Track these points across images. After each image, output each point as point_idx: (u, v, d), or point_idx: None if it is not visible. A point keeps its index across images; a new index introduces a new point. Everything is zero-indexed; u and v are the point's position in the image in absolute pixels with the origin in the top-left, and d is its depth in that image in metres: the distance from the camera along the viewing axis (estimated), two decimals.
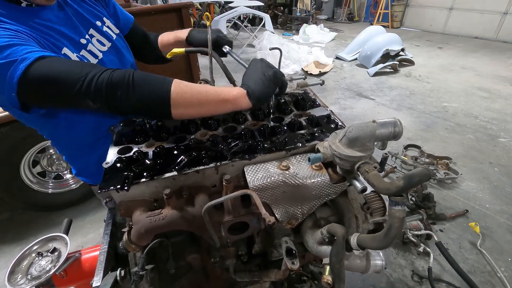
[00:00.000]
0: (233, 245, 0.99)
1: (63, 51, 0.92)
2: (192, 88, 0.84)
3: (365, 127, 0.66)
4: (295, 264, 0.78)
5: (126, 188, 0.76)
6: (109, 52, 1.09)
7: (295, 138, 0.90)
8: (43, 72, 0.76)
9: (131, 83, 0.79)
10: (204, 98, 0.85)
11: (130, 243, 0.83)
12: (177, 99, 0.82)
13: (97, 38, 1.05)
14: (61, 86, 0.78)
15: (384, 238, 0.61)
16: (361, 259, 0.79)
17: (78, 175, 1.28)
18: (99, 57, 1.03)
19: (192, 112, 0.87)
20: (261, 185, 0.79)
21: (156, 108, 0.84)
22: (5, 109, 0.86)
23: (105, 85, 0.77)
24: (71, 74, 0.77)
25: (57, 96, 0.81)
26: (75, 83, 0.76)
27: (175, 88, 0.82)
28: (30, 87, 0.77)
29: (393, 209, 0.58)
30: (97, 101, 0.79)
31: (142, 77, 0.81)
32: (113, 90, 0.78)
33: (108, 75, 0.78)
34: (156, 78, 0.84)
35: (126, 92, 0.79)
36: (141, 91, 0.80)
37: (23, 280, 0.99)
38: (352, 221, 0.83)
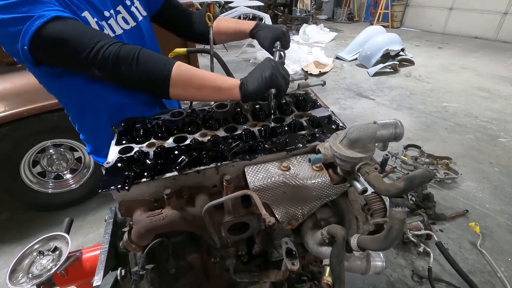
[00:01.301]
0: (233, 246, 0.99)
1: (84, 14, 0.93)
2: (192, 71, 0.91)
3: (366, 128, 0.66)
4: (295, 264, 0.78)
5: (127, 188, 0.76)
6: (132, 31, 1.11)
7: (295, 139, 0.90)
8: (56, 32, 0.80)
9: (135, 59, 0.85)
10: (201, 82, 0.91)
11: (131, 243, 0.83)
12: (176, 79, 0.89)
13: (123, 16, 1.08)
14: (71, 49, 0.82)
15: (384, 239, 0.61)
16: (361, 260, 0.79)
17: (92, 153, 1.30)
18: (117, 32, 1.04)
19: (188, 94, 0.95)
20: (261, 186, 0.79)
21: (156, 85, 0.92)
22: (17, 59, 0.89)
23: (111, 58, 0.82)
24: (82, 39, 0.82)
25: (65, 58, 0.87)
26: (84, 49, 0.81)
27: (176, 69, 0.88)
28: (42, 45, 0.81)
29: (394, 211, 0.58)
30: (102, 71, 0.86)
31: (147, 55, 0.87)
32: (118, 64, 0.84)
33: (116, 48, 0.83)
34: (161, 58, 0.90)
35: (130, 67, 0.85)
36: (144, 68, 0.86)
37: (24, 279, 0.99)
38: (353, 222, 0.83)
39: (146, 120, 1.03)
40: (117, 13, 1.06)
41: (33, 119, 2.16)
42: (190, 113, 1.05)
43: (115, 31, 1.04)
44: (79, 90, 1.06)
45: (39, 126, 2.25)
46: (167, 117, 1.05)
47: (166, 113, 1.09)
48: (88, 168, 2.67)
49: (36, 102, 2.10)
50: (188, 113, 1.06)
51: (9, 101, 2.05)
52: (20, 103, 2.07)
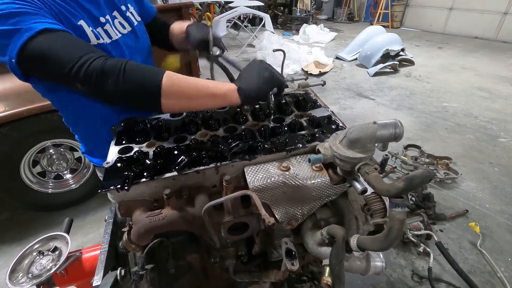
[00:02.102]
0: (233, 246, 0.99)
1: (79, 23, 0.93)
2: (184, 80, 0.85)
3: (365, 128, 0.66)
4: (294, 265, 0.78)
5: (126, 188, 0.76)
6: (127, 36, 1.11)
7: (295, 139, 0.90)
8: (42, 47, 0.77)
9: (122, 71, 0.79)
10: (195, 91, 0.85)
11: (130, 243, 0.83)
12: (168, 90, 0.83)
13: (119, 21, 1.08)
14: (54, 65, 0.79)
15: (384, 240, 0.61)
16: (361, 260, 0.79)
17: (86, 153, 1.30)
18: (113, 38, 1.04)
19: (182, 104, 0.88)
20: (261, 186, 0.79)
21: (146, 98, 0.85)
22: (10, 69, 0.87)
23: (95, 72, 0.78)
24: (66, 54, 0.79)
25: (49, 73, 0.84)
26: (66, 64, 0.78)
27: (167, 79, 0.82)
28: (28, 59, 0.79)
29: (394, 211, 0.58)
30: (85, 86, 0.81)
31: (134, 67, 0.82)
32: (103, 78, 0.79)
33: (101, 62, 0.79)
34: (149, 69, 0.85)
35: (116, 81, 0.79)
36: (131, 80, 0.81)
37: (24, 278, 0.99)
38: (352, 222, 0.83)
39: (146, 120, 1.03)
40: (113, 18, 1.06)
41: (33, 119, 2.16)
42: (190, 113, 1.05)
43: (111, 37, 1.03)
44: (74, 99, 1.06)
45: (39, 126, 2.25)
46: (167, 117, 1.05)
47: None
48: (88, 168, 2.67)
49: (36, 102, 2.10)
50: (188, 113, 1.06)
51: (9, 101, 2.05)
52: (20, 103, 2.06)
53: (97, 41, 0.97)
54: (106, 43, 1.00)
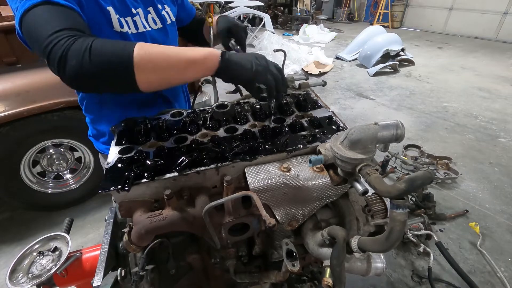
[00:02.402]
0: (233, 246, 0.99)
1: (108, 8, 0.94)
2: (158, 48, 0.79)
3: (367, 129, 0.66)
4: (295, 266, 0.78)
5: (127, 189, 0.76)
6: (157, 32, 1.13)
7: (296, 140, 0.90)
8: (30, 19, 0.75)
9: (88, 50, 0.71)
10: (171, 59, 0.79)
11: (131, 244, 0.83)
12: (141, 62, 0.74)
13: (152, 16, 1.10)
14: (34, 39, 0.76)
15: (385, 241, 0.61)
16: (361, 261, 0.79)
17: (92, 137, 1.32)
18: (140, 29, 1.05)
19: (160, 77, 0.80)
20: (262, 187, 0.79)
21: (118, 75, 0.76)
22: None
23: (59, 54, 0.70)
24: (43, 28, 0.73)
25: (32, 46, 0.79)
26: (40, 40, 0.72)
27: (139, 50, 0.74)
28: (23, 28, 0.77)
29: (395, 212, 0.58)
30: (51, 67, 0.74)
31: (100, 43, 0.73)
32: (65, 60, 0.70)
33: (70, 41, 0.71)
34: (118, 43, 0.77)
35: (81, 61, 0.70)
36: (99, 58, 0.72)
37: (24, 279, 0.99)
38: (353, 223, 0.83)
39: (146, 120, 1.03)
40: (147, 13, 1.08)
41: (33, 119, 2.16)
42: (190, 114, 1.05)
43: (138, 28, 1.05)
44: None
45: (39, 126, 2.25)
46: (167, 118, 1.05)
47: (166, 113, 1.09)
48: (88, 168, 2.67)
49: (36, 102, 2.10)
50: (188, 113, 1.06)
51: (9, 101, 2.04)
52: (20, 103, 2.06)
53: (120, 29, 0.98)
54: (129, 33, 1.02)
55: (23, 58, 2.24)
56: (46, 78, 2.15)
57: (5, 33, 2.09)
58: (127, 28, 1.01)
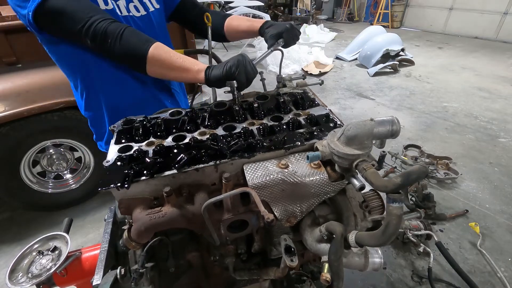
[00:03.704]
0: (232, 243, 0.99)
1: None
2: (168, 53, 1.01)
3: (363, 125, 0.66)
4: (294, 261, 0.78)
5: (126, 186, 0.77)
6: (140, 19, 1.20)
7: (294, 137, 0.90)
8: (57, 5, 0.92)
9: (120, 36, 0.96)
10: (173, 63, 1.01)
11: (130, 241, 0.83)
12: (152, 58, 1.00)
13: (135, 4, 1.18)
14: (68, 22, 0.94)
15: (382, 235, 0.61)
16: (359, 256, 0.79)
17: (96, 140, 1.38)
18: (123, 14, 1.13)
19: (162, 72, 1.05)
20: (260, 183, 0.79)
21: (135, 61, 1.04)
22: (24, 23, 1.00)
23: (100, 32, 0.94)
24: (79, 13, 0.94)
25: (63, 29, 0.98)
26: (79, 22, 0.94)
27: (153, 49, 0.99)
28: (44, 15, 0.93)
29: (391, 206, 0.58)
30: (92, 42, 0.97)
31: (130, 34, 0.98)
32: (106, 38, 0.95)
33: (105, 24, 0.95)
34: (142, 37, 1.02)
35: (114, 42, 0.96)
36: (125, 45, 0.97)
37: (23, 278, 0.99)
38: (351, 219, 0.84)
39: (145, 119, 1.03)
40: (128, 1, 1.15)
41: (33, 119, 2.16)
42: (189, 112, 1.06)
43: (121, 12, 1.12)
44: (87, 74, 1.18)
45: (39, 126, 2.25)
46: (166, 116, 1.05)
47: (165, 112, 1.09)
48: (88, 168, 2.68)
49: (36, 102, 2.11)
50: (187, 112, 1.06)
51: (9, 101, 2.05)
52: (20, 103, 2.07)
53: (106, 7, 1.08)
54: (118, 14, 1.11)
55: (23, 58, 2.25)
56: (46, 78, 2.16)
57: (5, 33, 2.10)
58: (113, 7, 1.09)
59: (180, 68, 1.01)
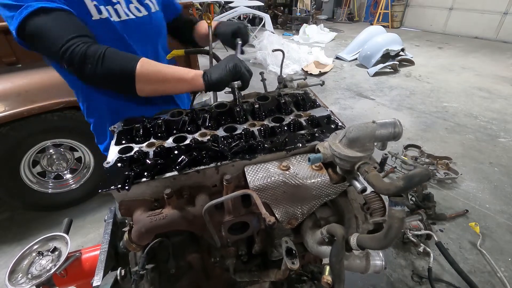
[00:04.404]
0: (233, 245, 0.99)
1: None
2: (156, 66, 0.96)
3: (365, 127, 0.66)
4: (295, 264, 0.78)
5: (127, 188, 0.76)
6: (142, 19, 1.15)
7: (295, 139, 0.90)
8: (36, 25, 0.86)
9: (101, 58, 0.88)
10: (165, 75, 0.96)
11: (131, 243, 0.83)
12: (141, 75, 0.93)
13: (135, 5, 1.13)
14: (46, 42, 0.89)
15: (383, 238, 0.61)
16: (360, 259, 0.79)
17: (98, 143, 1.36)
18: (122, 18, 1.08)
19: (154, 87, 0.98)
20: (261, 185, 0.79)
21: (122, 82, 0.96)
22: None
23: (78, 57, 0.87)
24: (57, 34, 0.88)
25: (44, 49, 0.93)
26: (55, 45, 0.87)
27: (141, 66, 0.92)
28: (25, 35, 0.89)
29: (393, 210, 0.58)
30: (70, 67, 0.91)
31: (112, 54, 0.91)
32: (84, 63, 0.88)
33: (83, 48, 0.87)
34: (125, 55, 0.95)
35: (96, 66, 0.89)
36: (109, 66, 0.90)
37: (23, 279, 0.99)
38: (352, 221, 0.83)
39: (146, 120, 1.03)
40: (128, 2, 1.11)
41: (33, 119, 2.16)
42: (189, 113, 1.05)
43: (120, 16, 1.08)
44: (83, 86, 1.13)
45: (39, 126, 2.25)
46: (167, 117, 1.05)
47: (166, 113, 1.09)
48: (88, 168, 2.67)
49: (36, 102, 2.10)
50: (187, 113, 1.06)
51: (9, 101, 2.05)
52: (20, 103, 2.07)
53: (99, 15, 1.01)
54: (112, 20, 1.04)
55: (23, 58, 2.25)
56: (46, 78, 2.16)
57: (5, 33, 2.10)
58: (107, 15, 1.03)
59: (171, 79, 0.97)
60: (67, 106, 2.21)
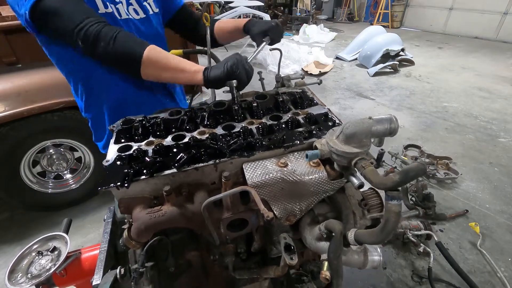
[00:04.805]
0: (232, 243, 0.99)
1: None
2: (163, 54, 1.01)
3: (361, 123, 0.67)
4: (293, 259, 0.78)
5: (126, 185, 0.77)
6: (140, 22, 1.20)
7: (293, 136, 0.90)
8: (51, 5, 0.92)
9: (113, 39, 0.94)
10: (168, 64, 1.01)
11: (130, 240, 0.83)
12: (147, 60, 0.98)
13: (134, 7, 1.18)
14: (62, 22, 0.93)
15: (380, 232, 0.61)
16: (358, 254, 0.79)
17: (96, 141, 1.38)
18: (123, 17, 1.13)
19: (157, 73, 1.03)
20: (259, 182, 0.79)
21: (129, 64, 1.01)
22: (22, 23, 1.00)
23: (93, 35, 0.93)
24: (72, 15, 0.93)
25: (56, 29, 0.97)
26: (72, 24, 0.92)
27: (148, 51, 0.98)
28: (39, 14, 0.93)
29: (389, 204, 0.58)
30: (84, 44, 0.95)
31: (124, 37, 0.97)
32: (98, 41, 0.93)
33: (99, 27, 0.93)
34: (136, 40, 1.01)
35: (107, 45, 0.94)
36: (119, 47, 0.95)
37: (23, 279, 0.99)
38: (350, 217, 0.84)
39: (145, 118, 1.03)
40: (128, 4, 1.15)
41: (33, 119, 2.16)
42: (188, 112, 1.06)
43: (121, 15, 1.12)
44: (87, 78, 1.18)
45: (39, 126, 2.25)
46: (166, 116, 1.05)
47: (164, 112, 1.09)
48: (88, 168, 2.68)
49: (36, 102, 2.11)
50: (186, 111, 1.07)
51: (9, 101, 2.05)
52: (20, 103, 2.07)
53: (105, 10, 1.07)
54: (117, 17, 1.10)
55: (23, 58, 2.25)
56: (46, 78, 2.16)
57: (5, 33, 2.10)
58: (113, 11, 1.08)
59: (175, 68, 1.01)
60: (67, 106, 2.22)
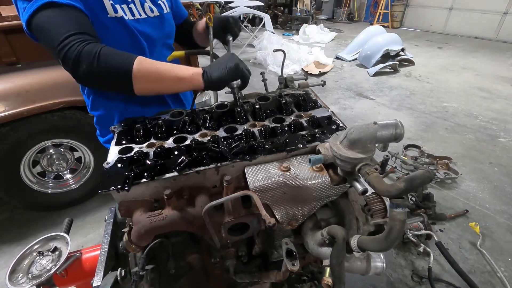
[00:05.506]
0: (233, 246, 0.99)
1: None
2: (153, 64, 0.93)
3: (366, 129, 0.66)
4: (295, 265, 0.78)
5: (127, 188, 0.76)
6: (154, 19, 1.17)
7: (296, 139, 0.90)
8: (40, 20, 0.87)
9: (96, 57, 0.85)
10: (162, 74, 0.94)
11: (131, 244, 0.83)
12: (138, 74, 0.90)
13: (149, 5, 1.15)
14: (46, 38, 0.88)
15: (384, 240, 0.61)
16: (361, 261, 0.78)
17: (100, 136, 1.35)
18: (136, 16, 1.10)
19: (151, 86, 0.95)
20: (261, 186, 0.79)
21: (119, 81, 0.92)
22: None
23: (72, 57, 0.84)
24: (55, 33, 0.86)
25: (45, 44, 0.91)
26: (54, 43, 0.86)
27: (137, 64, 0.89)
28: (32, 28, 0.89)
29: (394, 211, 0.58)
30: (65, 65, 0.88)
31: (107, 53, 0.88)
32: (79, 62, 0.85)
33: (79, 48, 0.85)
34: (121, 54, 0.91)
35: (91, 65, 0.85)
36: (104, 65, 0.87)
37: (24, 279, 0.99)
38: (353, 222, 0.83)
39: (146, 120, 1.03)
40: (143, 2, 1.13)
41: (33, 119, 2.16)
42: (190, 113, 1.05)
43: (134, 15, 1.09)
44: None
45: (39, 126, 2.24)
46: (167, 117, 1.05)
47: (166, 113, 1.08)
48: (88, 168, 2.67)
49: (36, 102, 2.10)
50: (188, 113, 1.06)
51: (9, 101, 2.04)
52: (20, 103, 2.06)
53: (115, 14, 1.02)
54: (126, 19, 1.06)
55: (23, 58, 2.24)
56: (46, 78, 2.15)
57: (5, 33, 2.09)
58: (123, 14, 1.04)
59: (170, 78, 0.94)
60: (67, 106, 2.21)
